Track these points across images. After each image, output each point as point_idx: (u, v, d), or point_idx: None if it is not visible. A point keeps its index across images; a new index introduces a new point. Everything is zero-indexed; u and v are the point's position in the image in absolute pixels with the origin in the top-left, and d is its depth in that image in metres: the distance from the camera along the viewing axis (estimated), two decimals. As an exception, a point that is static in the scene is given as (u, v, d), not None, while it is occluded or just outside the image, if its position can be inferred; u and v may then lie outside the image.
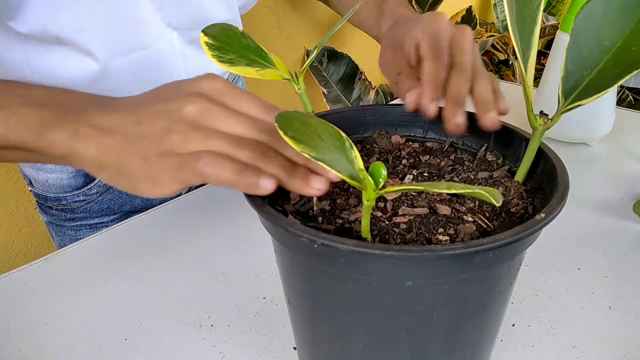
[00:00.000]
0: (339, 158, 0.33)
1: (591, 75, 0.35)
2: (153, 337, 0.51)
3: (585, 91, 0.35)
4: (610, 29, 0.35)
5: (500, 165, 0.46)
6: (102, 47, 0.62)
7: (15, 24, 0.58)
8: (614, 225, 0.63)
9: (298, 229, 0.33)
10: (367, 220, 0.35)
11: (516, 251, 0.36)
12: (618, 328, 0.50)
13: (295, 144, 0.32)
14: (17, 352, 0.50)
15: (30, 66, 0.63)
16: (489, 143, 0.47)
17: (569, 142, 0.82)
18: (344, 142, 0.34)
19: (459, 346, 0.39)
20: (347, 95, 1.79)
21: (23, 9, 0.57)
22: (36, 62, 0.63)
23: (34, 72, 0.63)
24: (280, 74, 0.43)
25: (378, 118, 0.51)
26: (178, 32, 0.66)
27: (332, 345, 0.39)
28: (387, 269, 0.33)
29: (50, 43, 0.61)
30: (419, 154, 0.49)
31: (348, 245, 0.31)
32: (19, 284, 0.58)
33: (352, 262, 0.33)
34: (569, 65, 0.36)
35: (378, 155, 0.48)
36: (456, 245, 0.31)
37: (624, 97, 2.02)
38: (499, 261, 0.35)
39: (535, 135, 0.39)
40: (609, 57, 0.34)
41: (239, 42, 0.43)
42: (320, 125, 0.34)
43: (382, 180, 0.33)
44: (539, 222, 0.33)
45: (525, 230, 0.33)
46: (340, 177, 0.32)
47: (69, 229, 0.78)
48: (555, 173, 0.39)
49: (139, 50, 0.64)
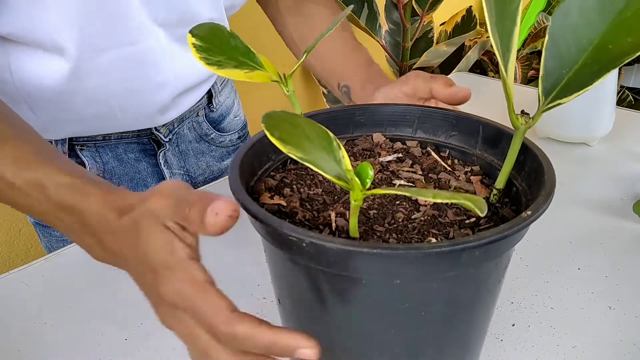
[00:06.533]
0: (326, 158, 0.33)
1: (570, 74, 0.35)
2: (153, 337, 0.50)
3: (565, 90, 0.35)
4: (587, 28, 0.34)
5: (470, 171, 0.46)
6: (87, 42, 0.61)
7: None
8: (614, 225, 0.63)
9: (286, 228, 0.33)
10: (355, 220, 0.35)
11: (503, 249, 0.36)
12: (618, 328, 0.50)
13: (282, 145, 0.31)
14: (17, 352, 0.50)
15: (12, 71, 0.62)
16: (477, 142, 0.47)
17: (569, 142, 0.82)
18: (331, 142, 0.34)
19: (449, 344, 0.39)
20: (347, 95, 1.79)
21: (4, 7, 0.56)
22: (16, 66, 0.62)
23: (15, 75, 0.63)
24: (269, 75, 0.42)
25: (368, 117, 0.51)
26: (164, 29, 0.66)
27: (321, 344, 0.39)
28: (375, 268, 0.33)
29: (31, 44, 0.60)
30: (399, 155, 0.48)
31: (336, 244, 0.31)
32: (19, 284, 0.58)
33: (339, 260, 0.33)
34: (548, 64, 0.36)
35: (353, 157, 0.48)
36: (443, 243, 0.31)
37: (624, 97, 2.02)
38: (486, 259, 0.35)
39: (517, 134, 0.39)
40: (587, 56, 0.34)
41: (227, 43, 0.42)
42: (308, 125, 0.34)
43: (369, 181, 0.33)
44: (525, 219, 0.33)
45: (512, 228, 0.32)
46: (327, 177, 0.32)
47: (55, 230, 0.78)
48: (542, 171, 0.38)
49: (126, 46, 0.64)
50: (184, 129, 0.80)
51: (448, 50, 1.85)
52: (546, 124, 0.82)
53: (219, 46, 0.42)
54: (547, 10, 2.21)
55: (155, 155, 0.77)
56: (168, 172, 0.79)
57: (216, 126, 0.85)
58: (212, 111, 0.83)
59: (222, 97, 0.84)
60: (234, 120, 0.88)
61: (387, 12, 1.83)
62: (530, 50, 1.99)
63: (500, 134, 0.45)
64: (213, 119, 0.84)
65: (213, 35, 0.42)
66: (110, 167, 0.75)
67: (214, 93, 0.82)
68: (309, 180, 0.44)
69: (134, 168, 0.77)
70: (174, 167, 0.80)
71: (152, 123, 0.73)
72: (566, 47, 0.35)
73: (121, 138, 0.74)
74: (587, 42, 0.34)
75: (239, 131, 0.89)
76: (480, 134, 0.46)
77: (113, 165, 0.75)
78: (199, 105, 0.80)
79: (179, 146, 0.80)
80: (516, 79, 1.96)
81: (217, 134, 0.84)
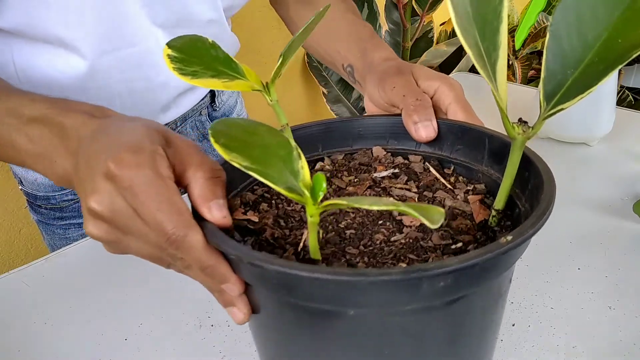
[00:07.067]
0: (280, 169, 0.31)
1: (575, 74, 0.31)
2: (153, 337, 0.51)
3: (569, 92, 0.32)
4: (593, 22, 0.31)
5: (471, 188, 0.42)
6: (89, 43, 0.61)
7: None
8: (614, 225, 0.63)
9: (229, 245, 0.31)
10: (314, 238, 0.32)
11: (480, 280, 0.31)
12: (618, 328, 0.50)
13: (225, 152, 0.30)
14: (17, 352, 0.50)
15: (15, 64, 0.62)
16: (484, 157, 0.43)
17: (569, 142, 0.82)
18: (290, 152, 0.32)
19: None
20: (347, 95, 1.79)
21: (5, 3, 0.56)
22: (21, 60, 0.62)
23: (19, 70, 0.63)
24: (250, 84, 0.41)
25: (368, 130, 0.48)
26: (163, 30, 0.66)
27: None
28: (324, 294, 0.29)
29: (35, 40, 0.60)
30: (395, 171, 0.45)
31: (274, 265, 0.28)
32: (19, 284, 0.58)
33: (283, 284, 0.30)
34: (550, 65, 0.32)
35: (347, 172, 0.45)
36: (393, 270, 0.27)
37: (624, 97, 2.02)
38: (457, 292, 0.30)
39: (515, 146, 0.34)
40: (593, 53, 0.31)
41: (207, 54, 0.41)
42: (268, 134, 0.33)
43: (321, 194, 0.30)
44: (502, 246, 0.28)
45: (482, 255, 0.28)
46: (276, 189, 0.30)
47: (58, 227, 0.78)
48: (541, 189, 0.34)
49: (126, 48, 0.64)
50: (187, 128, 0.80)
51: (448, 50, 1.85)
52: (546, 124, 0.82)
53: (197, 56, 0.40)
54: (547, 10, 2.20)
55: None
56: None
57: None
58: (215, 110, 0.83)
59: (225, 96, 0.84)
60: None
61: (387, 12, 1.83)
62: (530, 50, 1.99)
63: (507, 147, 0.39)
64: (216, 118, 0.84)
65: (191, 46, 0.41)
66: None
67: (216, 92, 0.82)
68: None
69: None
70: None
71: None
72: (570, 44, 0.31)
73: None
74: (593, 38, 0.31)
75: None
76: (486, 148, 0.43)
77: None
78: (202, 104, 0.80)
79: None
80: (516, 79, 1.96)
81: None
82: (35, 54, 0.62)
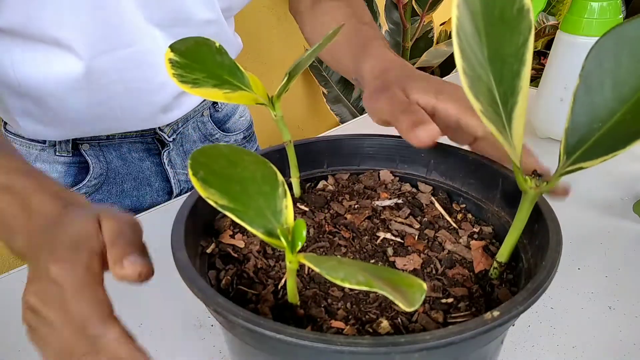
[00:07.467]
0: (261, 208, 0.28)
1: (602, 130, 0.27)
2: (153, 337, 0.51)
3: (592, 150, 0.28)
4: (632, 71, 0.27)
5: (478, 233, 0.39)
6: (84, 43, 0.61)
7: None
8: (614, 225, 0.63)
9: (199, 287, 0.29)
10: (292, 283, 0.31)
11: (459, 354, 0.28)
12: (618, 328, 0.50)
13: (202, 189, 0.28)
14: (17, 352, 0.50)
15: (12, 64, 0.62)
16: (496, 196, 0.40)
17: (569, 142, 0.82)
18: (275, 188, 0.30)
19: None
20: (347, 95, 1.79)
21: (0, 2, 0.56)
22: (17, 60, 0.62)
23: (16, 70, 0.63)
24: (254, 97, 0.37)
25: (377, 150, 0.45)
26: (160, 29, 0.65)
27: None
28: (290, 353, 0.28)
29: (31, 40, 0.60)
30: (398, 201, 0.42)
31: (237, 318, 0.27)
32: (19, 284, 0.58)
33: (250, 336, 0.28)
34: (577, 116, 0.28)
35: (349, 195, 0.43)
36: (362, 341, 0.25)
37: (624, 97, 2.02)
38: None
39: (526, 199, 0.31)
40: (627, 108, 0.27)
41: (211, 59, 0.38)
42: (253, 165, 0.30)
43: (300, 244, 0.28)
44: (485, 322, 0.26)
45: (460, 334, 0.25)
46: (255, 233, 0.28)
47: None
48: (546, 251, 0.32)
49: (123, 48, 0.64)
50: (189, 128, 0.80)
51: (448, 50, 1.85)
52: (546, 124, 0.82)
53: (201, 62, 0.37)
54: (547, 10, 2.21)
55: (160, 155, 0.78)
56: (172, 171, 0.79)
57: (221, 126, 0.85)
58: (218, 111, 0.83)
59: None
60: (239, 120, 0.88)
61: (387, 12, 1.83)
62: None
63: (521, 192, 0.36)
64: (218, 119, 0.84)
65: (196, 51, 0.38)
66: (114, 166, 0.75)
67: None
68: None
69: (137, 167, 0.77)
70: (177, 166, 0.80)
71: (155, 123, 0.73)
72: (602, 95, 0.28)
73: (125, 137, 0.74)
74: (630, 90, 0.27)
75: (244, 131, 0.89)
76: (499, 188, 0.40)
77: (117, 165, 0.75)
78: (204, 105, 0.80)
79: (183, 146, 0.80)
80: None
81: (222, 134, 0.84)
82: (31, 54, 0.62)
